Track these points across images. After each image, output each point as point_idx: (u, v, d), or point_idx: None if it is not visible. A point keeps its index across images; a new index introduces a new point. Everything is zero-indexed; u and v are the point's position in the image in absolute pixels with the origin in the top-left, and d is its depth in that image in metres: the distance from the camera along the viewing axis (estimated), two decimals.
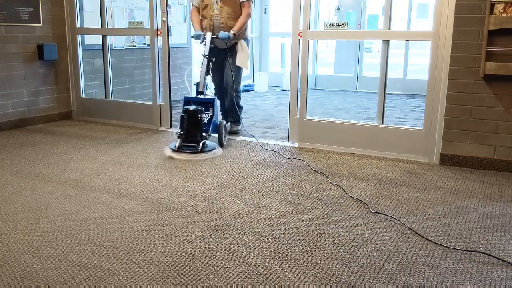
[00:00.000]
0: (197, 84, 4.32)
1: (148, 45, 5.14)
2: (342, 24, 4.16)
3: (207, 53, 4.34)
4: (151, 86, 5.17)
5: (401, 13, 9.52)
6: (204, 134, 4.05)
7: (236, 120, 4.95)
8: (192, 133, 4.01)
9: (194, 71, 7.84)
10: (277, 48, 10.51)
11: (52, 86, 5.47)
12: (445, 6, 3.67)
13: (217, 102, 4.34)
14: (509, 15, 3.41)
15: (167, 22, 4.86)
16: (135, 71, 6.71)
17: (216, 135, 4.29)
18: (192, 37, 4.67)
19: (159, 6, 4.82)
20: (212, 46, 4.47)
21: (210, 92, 4.62)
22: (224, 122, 4.34)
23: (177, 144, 4.00)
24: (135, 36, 6.54)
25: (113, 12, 6.31)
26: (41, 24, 5.24)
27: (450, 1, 3.62)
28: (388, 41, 4.04)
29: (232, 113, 4.90)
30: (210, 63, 4.37)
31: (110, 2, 6.18)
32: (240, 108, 5.00)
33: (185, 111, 4.02)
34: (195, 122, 4.01)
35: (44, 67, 5.35)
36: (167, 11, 4.83)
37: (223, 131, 4.28)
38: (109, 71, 5.52)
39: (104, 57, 5.51)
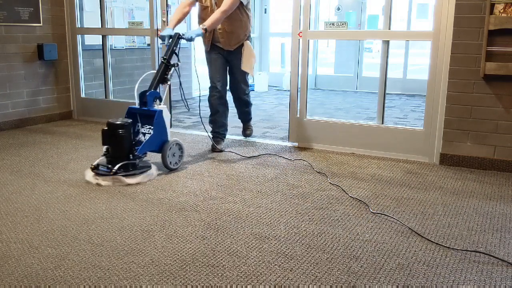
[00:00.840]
0: (142, 93, 3.62)
1: (148, 45, 5.14)
2: (342, 24, 4.16)
3: (166, 56, 3.67)
4: None
5: (401, 13, 9.53)
6: (130, 153, 3.36)
7: (249, 119, 4.76)
8: (112, 152, 3.35)
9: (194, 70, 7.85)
10: (277, 48, 10.51)
11: (52, 86, 5.47)
12: (445, 6, 3.67)
13: (163, 117, 3.56)
14: (509, 15, 3.41)
15: (167, 22, 4.86)
16: (135, 71, 6.71)
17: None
18: (159, 37, 3.94)
19: (159, 6, 4.83)
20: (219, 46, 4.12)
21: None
22: (177, 141, 3.65)
23: (95, 162, 3.39)
24: (135, 36, 6.54)
25: (113, 12, 6.31)
26: (41, 24, 5.24)
27: (450, 1, 3.62)
28: (388, 41, 4.04)
29: (246, 114, 4.71)
30: (171, 70, 3.71)
31: (110, 2, 6.18)
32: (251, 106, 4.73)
33: (107, 124, 3.36)
34: (115, 138, 3.33)
35: (44, 67, 5.35)
36: (167, 11, 4.84)
37: (172, 151, 3.60)
38: (109, 71, 5.52)
39: (104, 57, 5.51)
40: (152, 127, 3.52)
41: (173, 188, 3.21)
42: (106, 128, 3.36)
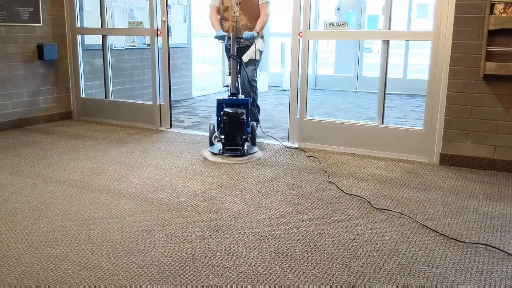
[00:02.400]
0: (229, 86, 4.26)
1: (148, 45, 5.15)
2: (342, 24, 4.16)
3: (235, 54, 4.27)
4: (151, 86, 5.17)
5: (401, 13, 9.52)
6: (244, 136, 3.97)
7: (255, 120, 4.75)
8: (235, 137, 3.90)
9: (194, 71, 7.86)
10: (277, 48, 10.51)
11: (52, 86, 5.47)
12: (445, 6, 3.67)
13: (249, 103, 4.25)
14: (509, 15, 3.41)
15: (167, 22, 4.86)
16: (135, 71, 6.71)
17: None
18: (216, 37, 4.56)
19: (159, 6, 4.82)
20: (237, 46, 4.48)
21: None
22: (255, 123, 4.33)
23: (221, 148, 3.94)
24: (135, 36, 6.54)
25: (113, 12, 6.31)
26: (41, 24, 5.24)
27: (450, 1, 3.62)
28: (388, 41, 4.04)
29: (251, 113, 4.66)
30: (238, 64, 4.33)
31: (110, 2, 6.18)
32: (257, 108, 4.89)
33: (226, 113, 3.86)
34: (238, 125, 3.88)
35: (44, 67, 5.35)
36: (167, 11, 4.83)
37: (256, 132, 4.30)
38: (109, 71, 5.52)
39: (104, 57, 5.51)
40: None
41: (173, 188, 3.21)
42: (225, 117, 3.86)
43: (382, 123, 4.15)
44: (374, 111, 5.21)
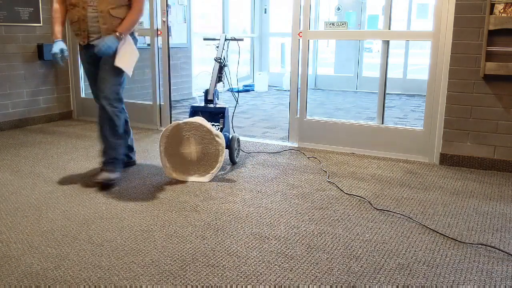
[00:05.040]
0: (206, 92, 3.77)
1: (148, 45, 5.14)
2: (342, 24, 4.16)
3: (220, 56, 3.76)
4: (151, 86, 5.17)
5: (401, 13, 9.53)
6: None
7: (111, 159, 3.24)
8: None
9: (194, 71, 7.86)
10: (277, 48, 10.52)
11: (52, 86, 5.47)
12: (445, 6, 3.67)
13: (229, 113, 3.77)
14: (509, 15, 3.41)
15: (167, 22, 4.86)
16: (135, 71, 6.66)
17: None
18: (54, 53, 3.28)
19: (159, 6, 4.83)
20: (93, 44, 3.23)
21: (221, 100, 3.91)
22: (237, 136, 3.77)
23: None
24: None
25: None
26: (41, 24, 5.24)
27: (450, 1, 3.62)
28: (388, 41, 4.04)
29: (109, 144, 3.25)
30: (223, 69, 3.83)
31: None
32: (123, 136, 3.35)
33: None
34: None
35: (44, 67, 5.35)
36: (167, 11, 4.83)
37: (236, 145, 3.74)
38: None
39: None
40: (217, 124, 3.66)
41: (173, 188, 3.21)
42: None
43: (382, 123, 4.15)
44: (374, 111, 5.22)
